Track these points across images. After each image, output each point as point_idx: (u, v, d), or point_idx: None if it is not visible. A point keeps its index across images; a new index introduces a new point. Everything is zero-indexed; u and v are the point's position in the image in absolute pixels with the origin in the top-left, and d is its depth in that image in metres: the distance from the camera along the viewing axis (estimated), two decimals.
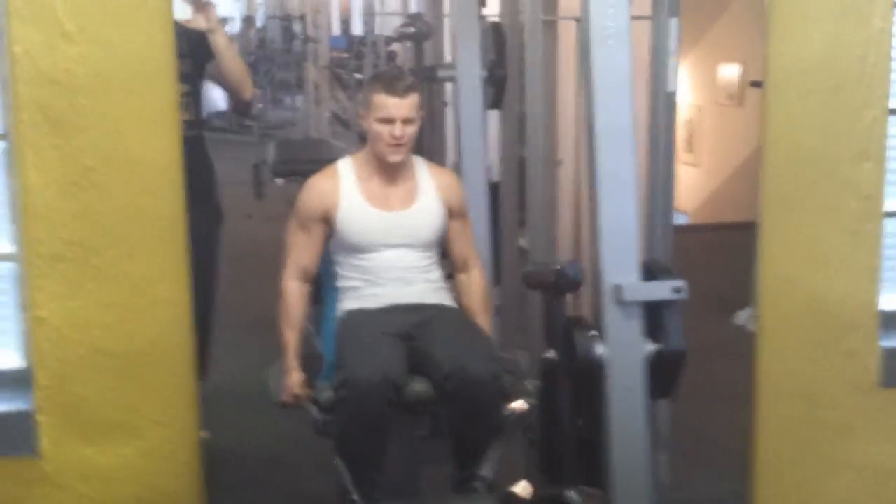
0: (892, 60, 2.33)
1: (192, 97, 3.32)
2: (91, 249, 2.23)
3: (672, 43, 2.73)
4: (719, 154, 7.34)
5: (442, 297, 2.84)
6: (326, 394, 2.57)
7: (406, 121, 2.73)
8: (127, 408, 2.29)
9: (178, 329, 2.31)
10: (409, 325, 2.70)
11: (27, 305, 2.25)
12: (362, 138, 2.86)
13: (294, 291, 2.78)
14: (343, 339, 2.67)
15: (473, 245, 2.97)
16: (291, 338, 2.74)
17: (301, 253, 2.80)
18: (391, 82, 2.75)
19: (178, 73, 2.32)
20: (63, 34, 2.16)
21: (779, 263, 2.40)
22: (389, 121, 2.71)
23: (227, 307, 3.78)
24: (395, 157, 2.75)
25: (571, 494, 2.47)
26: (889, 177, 2.39)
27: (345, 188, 2.78)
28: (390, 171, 2.80)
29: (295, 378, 2.70)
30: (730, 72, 7.11)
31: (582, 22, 2.38)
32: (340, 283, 2.84)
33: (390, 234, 2.77)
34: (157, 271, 2.28)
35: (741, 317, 5.12)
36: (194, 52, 3.27)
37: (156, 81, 2.27)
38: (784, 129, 2.36)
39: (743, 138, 6.89)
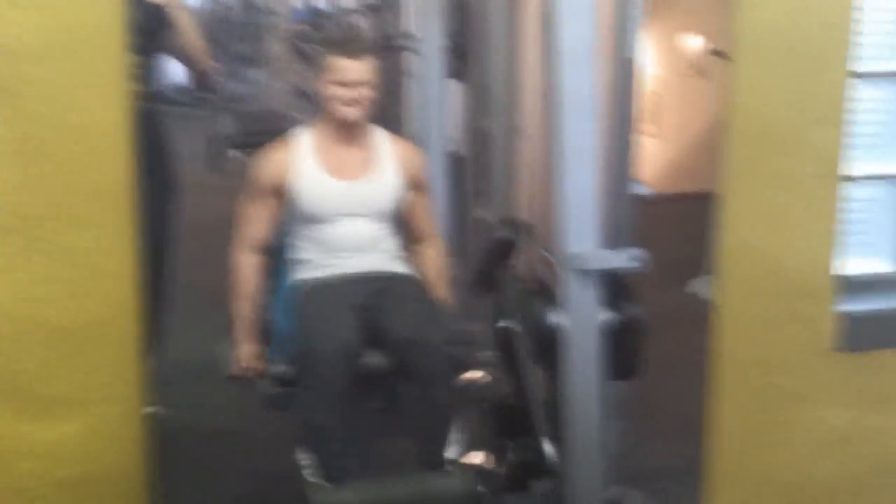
0: (853, 23, 2.32)
1: (146, 68, 3.26)
2: (35, 221, 2.17)
3: (634, 10, 2.70)
4: (681, 125, 7.35)
5: (396, 266, 2.80)
6: (279, 367, 2.53)
7: (362, 83, 2.67)
8: (71, 384, 2.24)
9: (124, 303, 2.25)
10: (364, 295, 2.67)
11: None
12: (320, 106, 2.81)
13: (247, 264, 2.74)
14: (299, 310, 2.64)
15: (432, 218, 2.94)
16: (244, 310, 2.70)
17: (254, 225, 2.75)
18: (346, 44, 2.69)
19: (132, 44, 2.26)
20: (10, 1, 2.09)
21: (737, 230, 2.39)
22: (342, 83, 2.66)
23: (182, 282, 3.73)
24: (351, 115, 2.69)
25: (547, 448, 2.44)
26: (848, 141, 2.38)
27: (300, 157, 2.74)
28: (348, 139, 2.76)
29: (247, 350, 2.66)
30: (692, 42, 7.11)
31: None
32: (294, 255, 2.80)
33: (347, 204, 2.73)
34: (104, 244, 2.22)
35: (695, 284, 5.14)
36: (149, 23, 3.21)
37: (105, 49, 2.20)
38: (748, 95, 2.34)
39: (704, 109, 6.90)
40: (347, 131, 2.75)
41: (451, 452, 2.62)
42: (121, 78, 2.24)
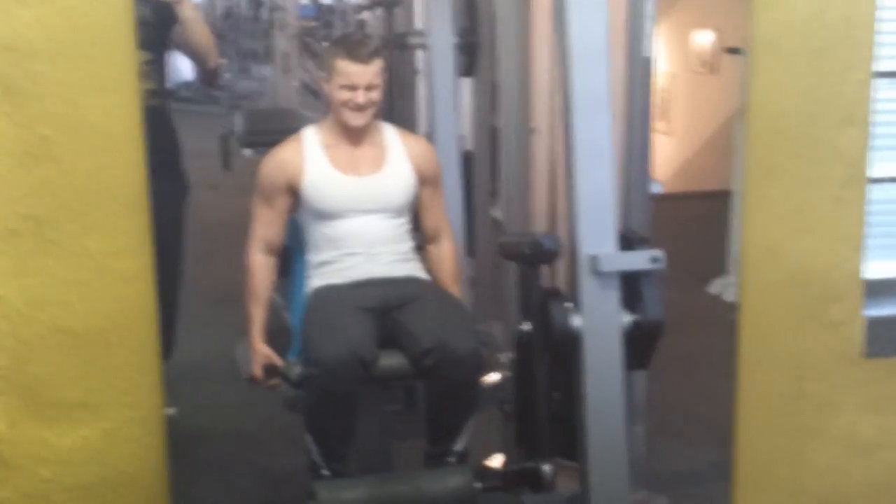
0: (877, 21, 2.28)
1: (155, 65, 3.24)
2: (48, 224, 2.14)
3: (648, 6, 2.66)
4: (693, 122, 7.31)
5: (413, 269, 2.78)
6: (296, 369, 2.51)
7: (369, 87, 2.67)
8: (88, 388, 2.21)
9: (141, 306, 2.23)
10: (381, 298, 2.65)
11: None
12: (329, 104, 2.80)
13: (259, 265, 2.73)
14: (311, 316, 2.62)
15: (445, 216, 2.91)
16: (257, 312, 2.69)
17: (265, 226, 2.73)
18: (354, 48, 2.68)
19: (141, 40, 2.23)
20: None
21: (762, 232, 2.35)
22: (352, 87, 2.65)
23: (195, 281, 3.72)
24: (357, 121, 2.69)
25: (545, 468, 2.44)
26: (874, 142, 2.34)
27: (309, 156, 2.71)
28: (356, 136, 2.74)
29: (261, 353, 2.64)
30: (703, 38, 7.07)
31: None
32: (309, 256, 2.77)
33: (359, 200, 2.71)
34: (118, 246, 2.19)
35: (717, 286, 5.11)
36: (158, 20, 3.19)
37: (115, 48, 2.17)
38: (768, 94, 2.30)
39: (717, 106, 6.86)
40: (356, 130, 2.73)
41: (458, 444, 2.61)
42: (131, 77, 2.21)
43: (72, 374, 2.20)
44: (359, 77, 2.65)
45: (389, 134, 2.81)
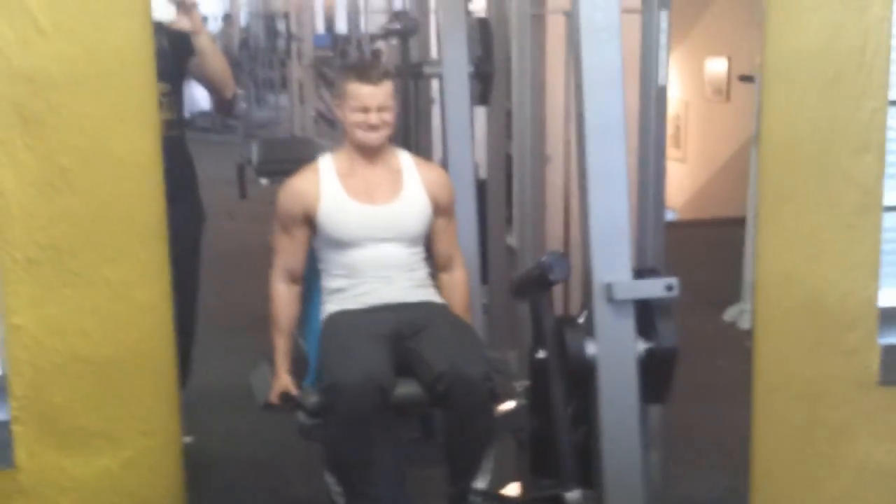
0: (891, 50, 2.28)
1: (173, 96, 3.27)
2: (68, 253, 2.16)
3: (663, 37, 2.68)
4: (706, 149, 7.31)
5: (428, 294, 2.79)
6: (313, 398, 2.51)
7: (381, 108, 2.69)
8: (107, 417, 2.22)
9: (159, 335, 2.24)
10: (396, 324, 2.65)
11: (2, 312, 2.19)
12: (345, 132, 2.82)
13: (281, 294, 2.75)
14: (327, 343, 2.63)
15: (457, 243, 2.92)
16: (280, 341, 2.71)
17: (286, 255, 2.75)
18: (364, 70, 2.72)
19: (159, 71, 2.26)
20: (38, 30, 2.09)
21: (776, 259, 2.35)
22: (364, 109, 2.68)
23: (211, 309, 3.73)
24: (371, 140, 2.71)
25: (570, 495, 2.42)
26: (889, 170, 2.34)
27: (325, 185, 2.73)
28: (372, 164, 2.75)
29: (282, 381, 2.65)
30: (717, 66, 7.08)
31: (572, 16, 2.33)
32: (325, 283, 2.79)
33: (375, 228, 2.72)
34: (137, 275, 2.22)
35: (731, 313, 5.09)
36: (175, 50, 3.22)
37: (134, 79, 2.20)
38: (781, 121, 2.31)
39: (730, 133, 6.86)
40: (371, 155, 2.75)
41: (480, 482, 2.59)
42: (150, 106, 2.24)
43: (90, 402, 2.22)
44: (370, 98, 2.68)
45: (405, 161, 2.83)
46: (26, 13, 2.08)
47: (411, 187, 2.78)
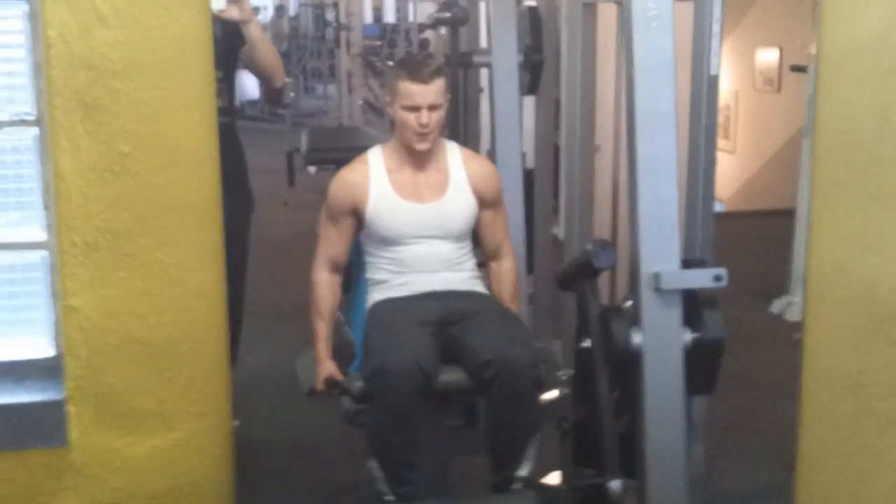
0: None
1: (224, 84, 3.30)
2: (125, 237, 2.20)
3: (715, 25, 2.66)
4: (756, 140, 7.24)
5: (474, 286, 2.80)
6: (358, 383, 2.54)
7: (432, 107, 2.69)
8: (159, 398, 2.26)
9: (212, 318, 2.28)
10: (442, 312, 2.67)
11: (59, 294, 2.24)
12: (393, 125, 2.83)
13: (324, 282, 2.77)
14: (372, 328, 2.65)
15: (507, 233, 2.93)
16: (322, 328, 2.73)
17: (331, 245, 2.78)
18: (416, 68, 2.71)
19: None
20: (98, 17, 2.13)
21: (828, 251, 2.33)
22: (415, 108, 2.68)
23: (259, 295, 3.77)
24: (422, 146, 2.72)
25: (613, 484, 2.42)
26: None
27: (374, 180, 2.75)
28: (420, 160, 2.77)
29: (326, 368, 2.68)
30: (768, 56, 7.01)
31: (623, 4, 2.33)
32: (370, 275, 2.81)
33: (421, 227, 2.74)
34: (191, 260, 2.25)
35: (778, 305, 5.05)
36: (227, 39, 3.25)
37: (192, 66, 2.23)
38: (835, 112, 2.29)
39: (780, 125, 6.80)
40: (420, 152, 2.76)
41: (523, 470, 2.60)
42: (208, 94, 2.27)
43: (144, 384, 2.26)
44: (421, 97, 2.68)
45: (453, 156, 2.83)
46: (88, 1, 2.12)
47: (458, 184, 2.79)
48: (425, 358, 2.51)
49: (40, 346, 2.33)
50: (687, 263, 2.36)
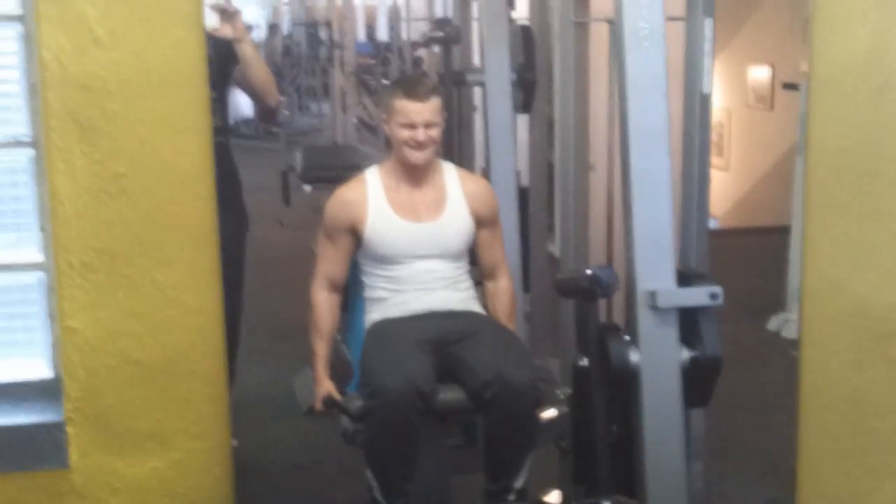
0: None
1: (218, 103, 3.31)
2: (121, 258, 2.21)
3: (707, 44, 2.68)
4: (749, 158, 7.26)
5: (471, 305, 2.81)
6: (357, 403, 2.54)
7: (428, 125, 2.71)
8: (158, 419, 2.26)
9: (209, 338, 2.28)
10: (440, 331, 2.67)
11: (56, 315, 2.24)
12: (388, 144, 2.84)
13: (322, 302, 2.77)
14: (370, 348, 2.65)
15: (503, 252, 2.93)
16: (321, 347, 2.74)
17: (329, 264, 2.78)
18: (412, 86, 2.73)
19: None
20: (93, 39, 2.14)
21: (823, 267, 2.34)
22: (411, 126, 2.69)
23: (254, 314, 3.77)
24: (417, 158, 2.72)
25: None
26: None
27: (372, 199, 2.76)
28: (417, 178, 2.78)
29: (325, 387, 2.68)
30: (760, 74, 7.04)
31: (615, 23, 2.34)
32: (367, 294, 2.81)
33: (418, 246, 2.75)
34: (188, 280, 2.25)
35: (775, 322, 5.06)
36: (220, 58, 3.26)
37: (187, 87, 2.24)
38: (828, 129, 2.30)
39: (773, 142, 6.82)
40: (417, 170, 2.77)
41: (518, 482, 2.61)
42: (202, 114, 2.28)
43: (142, 405, 2.25)
44: (417, 115, 2.70)
45: (450, 175, 2.84)
46: (83, 22, 2.13)
47: (455, 203, 2.80)
48: (423, 378, 2.51)
49: (38, 368, 2.33)
50: (684, 276, 2.37)
